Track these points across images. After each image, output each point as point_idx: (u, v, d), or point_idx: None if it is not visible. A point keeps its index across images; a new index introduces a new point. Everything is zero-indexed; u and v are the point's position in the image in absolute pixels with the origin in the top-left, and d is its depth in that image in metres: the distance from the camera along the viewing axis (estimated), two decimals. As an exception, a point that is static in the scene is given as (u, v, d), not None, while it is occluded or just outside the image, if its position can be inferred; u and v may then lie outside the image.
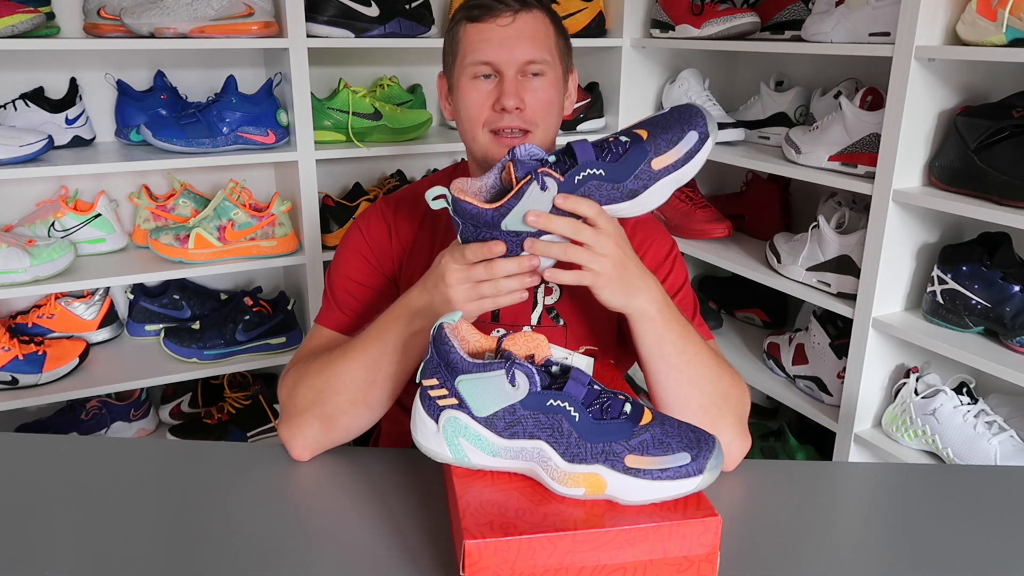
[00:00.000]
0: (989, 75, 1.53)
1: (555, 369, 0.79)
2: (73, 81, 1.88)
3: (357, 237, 1.15)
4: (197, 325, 1.96)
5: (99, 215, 1.89)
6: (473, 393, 0.77)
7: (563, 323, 1.09)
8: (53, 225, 1.85)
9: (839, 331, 1.79)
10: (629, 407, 0.77)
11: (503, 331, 0.82)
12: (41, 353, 1.80)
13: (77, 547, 0.83)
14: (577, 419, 0.75)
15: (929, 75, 1.47)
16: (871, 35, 1.56)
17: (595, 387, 0.78)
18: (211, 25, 1.74)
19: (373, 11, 1.88)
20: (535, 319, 1.09)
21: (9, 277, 1.70)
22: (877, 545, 0.87)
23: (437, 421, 0.79)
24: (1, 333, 1.78)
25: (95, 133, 1.95)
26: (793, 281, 1.80)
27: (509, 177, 0.87)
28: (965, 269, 1.50)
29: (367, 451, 1.08)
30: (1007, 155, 1.38)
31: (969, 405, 1.51)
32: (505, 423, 0.77)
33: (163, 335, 1.95)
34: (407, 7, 1.93)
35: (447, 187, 0.87)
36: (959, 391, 1.54)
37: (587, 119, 2.17)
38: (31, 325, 1.92)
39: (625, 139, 0.87)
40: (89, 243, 1.89)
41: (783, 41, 1.83)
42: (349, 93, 1.95)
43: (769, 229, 2.01)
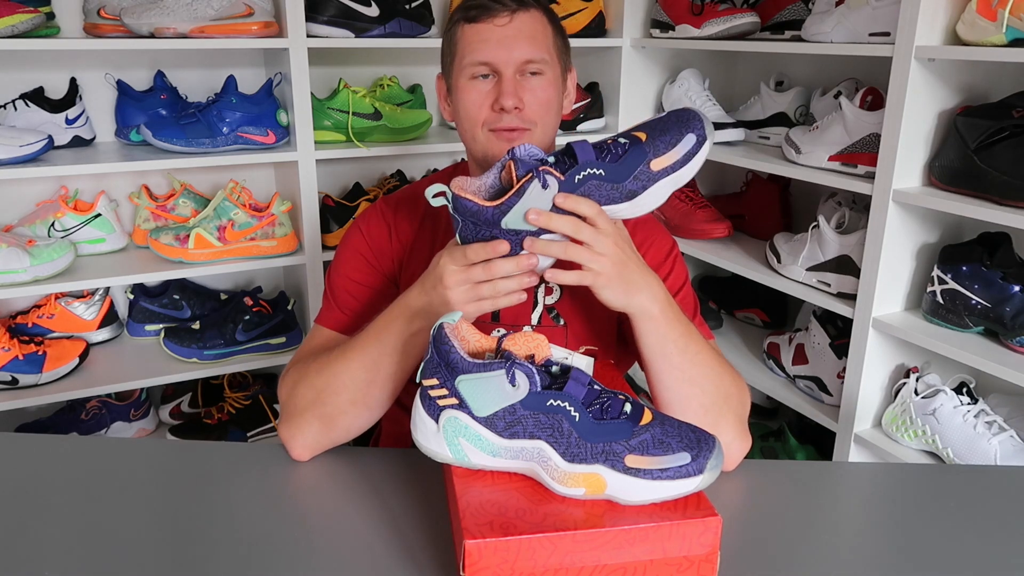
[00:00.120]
0: (989, 75, 1.53)
1: (555, 369, 0.79)
2: (73, 81, 1.88)
3: (357, 237, 1.15)
4: (197, 325, 1.97)
5: (99, 215, 1.89)
6: (473, 393, 0.77)
7: (563, 323, 1.09)
8: (53, 225, 1.85)
9: (839, 331, 1.79)
10: (629, 407, 0.77)
11: (503, 331, 0.82)
12: (41, 353, 1.80)
13: (77, 547, 0.83)
14: (577, 419, 0.75)
15: (929, 75, 1.47)
16: (871, 35, 1.56)
17: (595, 387, 0.78)
18: (211, 25, 1.73)
19: (373, 11, 1.88)
20: (535, 319, 1.09)
21: (9, 277, 1.70)
22: (877, 545, 0.87)
23: (437, 421, 0.79)
24: (1, 333, 1.78)
25: (95, 133, 1.95)
26: (793, 281, 1.80)
27: (509, 176, 0.87)
28: (965, 269, 1.50)
29: (367, 451, 1.08)
30: (1007, 155, 1.38)
31: (969, 405, 1.51)
32: (505, 423, 0.77)
33: (163, 335, 1.95)
34: (407, 7, 1.93)
35: (447, 186, 0.87)
36: (959, 391, 1.54)
37: (587, 119, 2.17)
38: (31, 325, 1.92)
39: (624, 141, 0.87)
40: (89, 243, 1.89)
41: (783, 41, 1.83)
42: (349, 93, 1.95)
43: (769, 229, 2.01)
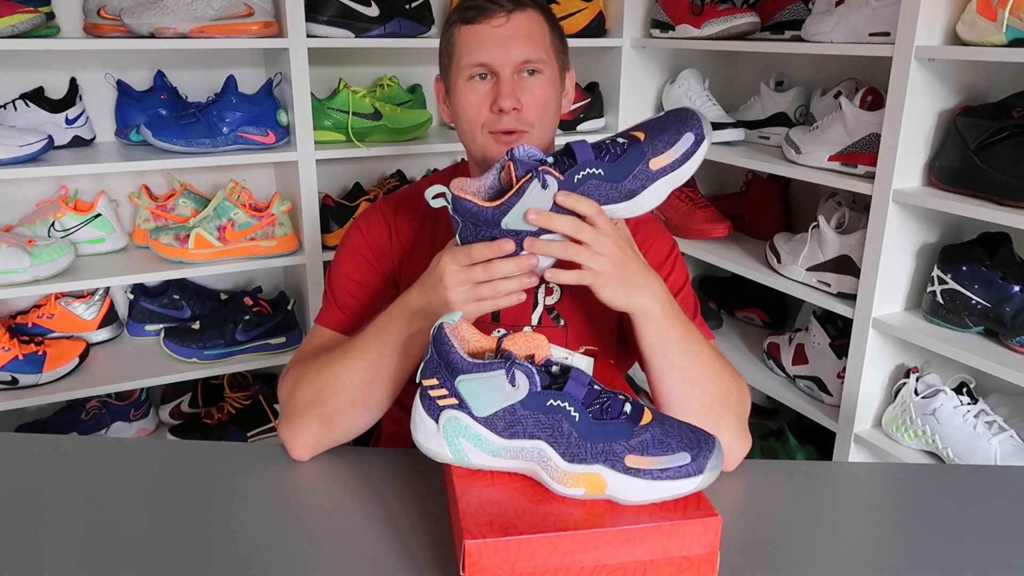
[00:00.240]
0: (989, 75, 1.53)
1: (555, 369, 0.79)
2: (73, 81, 1.88)
3: (357, 237, 1.15)
4: (197, 325, 1.97)
5: (99, 215, 1.89)
6: (473, 393, 0.77)
7: (563, 323, 1.09)
8: (53, 225, 1.85)
9: (839, 331, 1.79)
10: (629, 407, 0.77)
11: (503, 331, 0.82)
12: (41, 353, 1.80)
13: (77, 547, 0.83)
14: (577, 419, 0.75)
15: (929, 75, 1.47)
16: (871, 35, 1.56)
17: (595, 387, 0.78)
18: (211, 25, 1.73)
19: (373, 11, 1.88)
20: (535, 319, 1.09)
21: (9, 277, 1.70)
22: (877, 545, 0.87)
23: (437, 421, 0.79)
24: (1, 333, 1.78)
25: (95, 133, 1.95)
26: (793, 281, 1.80)
27: (508, 177, 0.87)
28: (965, 269, 1.50)
29: (367, 451, 1.08)
30: (1007, 155, 1.38)
31: (969, 405, 1.51)
32: (505, 423, 0.77)
33: (163, 335, 1.95)
34: (407, 7, 1.93)
35: (447, 186, 0.87)
36: (959, 391, 1.54)
37: (587, 119, 2.17)
38: (31, 325, 1.92)
39: (623, 140, 0.87)
40: (89, 243, 1.89)
41: (783, 41, 1.83)
42: (349, 93, 1.95)
43: (769, 229, 2.01)
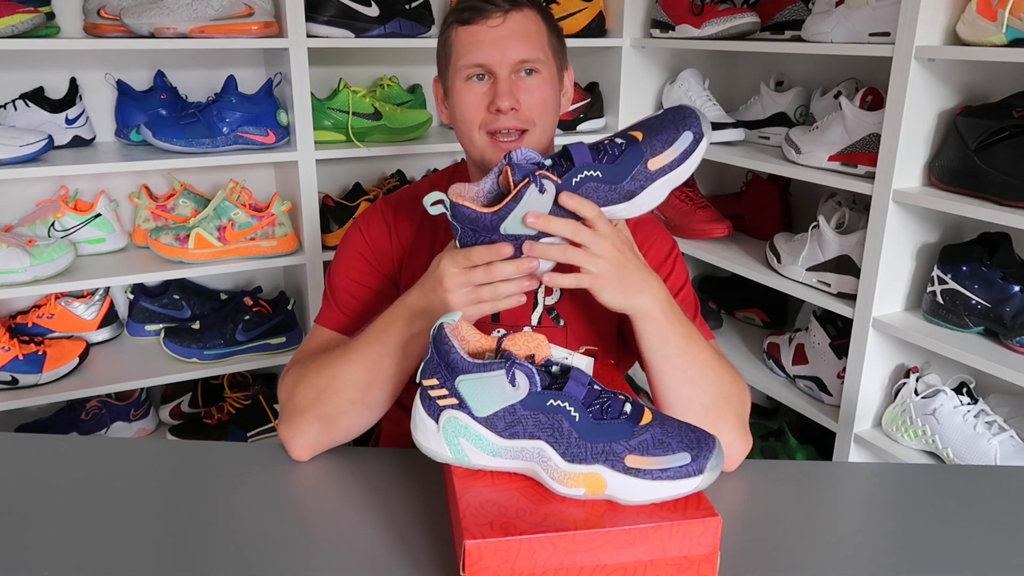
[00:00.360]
0: (989, 75, 1.53)
1: (555, 369, 0.79)
2: (73, 81, 1.88)
3: (357, 237, 1.15)
4: (197, 325, 1.97)
5: (99, 215, 1.89)
6: (473, 393, 0.77)
7: (563, 323, 1.09)
8: (53, 225, 1.85)
9: (839, 331, 1.79)
10: (629, 407, 0.77)
11: (503, 331, 0.82)
12: (41, 353, 1.80)
13: (77, 547, 0.83)
14: (577, 419, 0.75)
15: (929, 75, 1.46)
16: (871, 35, 1.56)
17: (595, 387, 0.78)
18: (211, 25, 1.73)
19: (373, 11, 1.88)
20: (535, 319, 1.09)
21: (9, 277, 1.70)
22: (877, 545, 0.87)
23: (437, 421, 0.79)
24: (1, 333, 1.78)
25: (95, 133, 1.95)
26: (793, 281, 1.80)
27: (506, 181, 0.87)
28: (965, 269, 1.50)
29: (367, 451, 1.08)
30: (1007, 155, 1.38)
31: (969, 405, 1.51)
32: (505, 423, 0.77)
33: (163, 335, 1.95)
34: (407, 7, 1.93)
35: (446, 188, 0.87)
36: (959, 391, 1.54)
37: (587, 119, 2.17)
38: (31, 325, 1.92)
39: (620, 141, 0.87)
40: (89, 243, 1.89)
41: (783, 41, 1.83)
42: (349, 93, 1.95)
43: (769, 229, 2.01)
